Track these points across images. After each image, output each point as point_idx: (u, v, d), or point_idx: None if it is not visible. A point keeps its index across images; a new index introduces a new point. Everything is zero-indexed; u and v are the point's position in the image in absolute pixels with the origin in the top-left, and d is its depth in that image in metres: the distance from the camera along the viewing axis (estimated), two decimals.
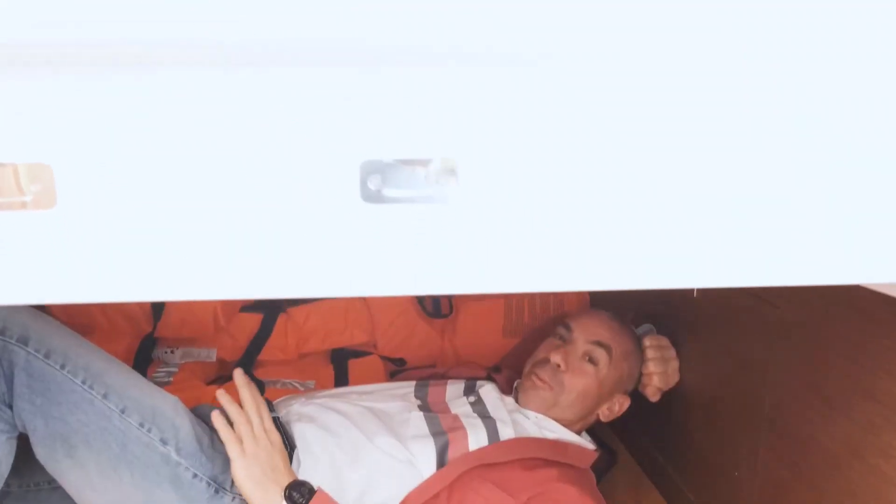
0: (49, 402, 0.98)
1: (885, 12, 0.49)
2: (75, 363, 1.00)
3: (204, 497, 1.04)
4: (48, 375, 0.98)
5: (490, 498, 1.11)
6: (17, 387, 0.97)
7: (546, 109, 0.54)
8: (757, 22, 0.49)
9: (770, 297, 1.02)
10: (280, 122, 0.53)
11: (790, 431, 0.98)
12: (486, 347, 1.73)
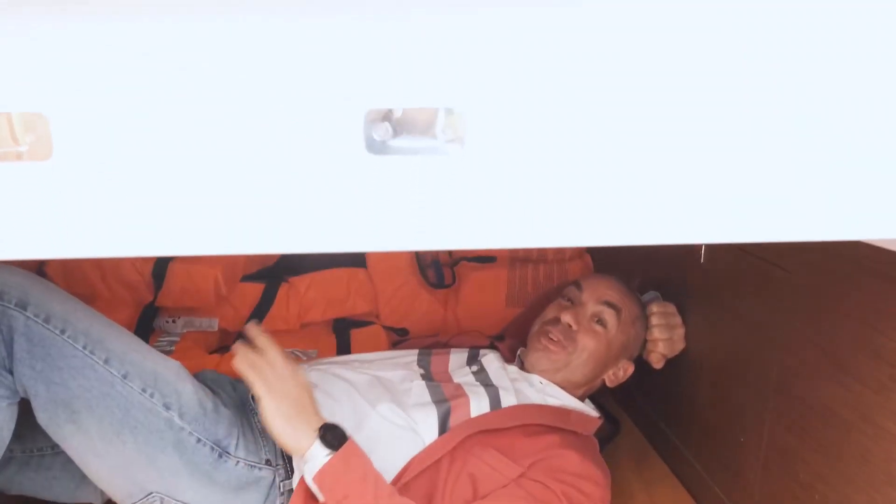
0: (50, 368, 0.96)
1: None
2: (75, 328, 0.98)
3: (208, 461, 1.04)
4: (48, 340, 0.97)
5: (492, 463, 1.11)
6: (17, 352, 0.96)
7: (555, 60, 0.52)
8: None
9: (779, 260, 1.01)
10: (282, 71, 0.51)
11: (798, 396, 0.97)
12: (488, 317, 1.72)
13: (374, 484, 0.97)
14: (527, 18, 0.52)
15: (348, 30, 0.51)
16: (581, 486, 1.10)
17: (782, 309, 1.00)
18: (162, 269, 1.56)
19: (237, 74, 0.51)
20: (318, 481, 0.96)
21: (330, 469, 0.96)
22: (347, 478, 0.96)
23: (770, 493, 1.03)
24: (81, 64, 0.50)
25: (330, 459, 0.96)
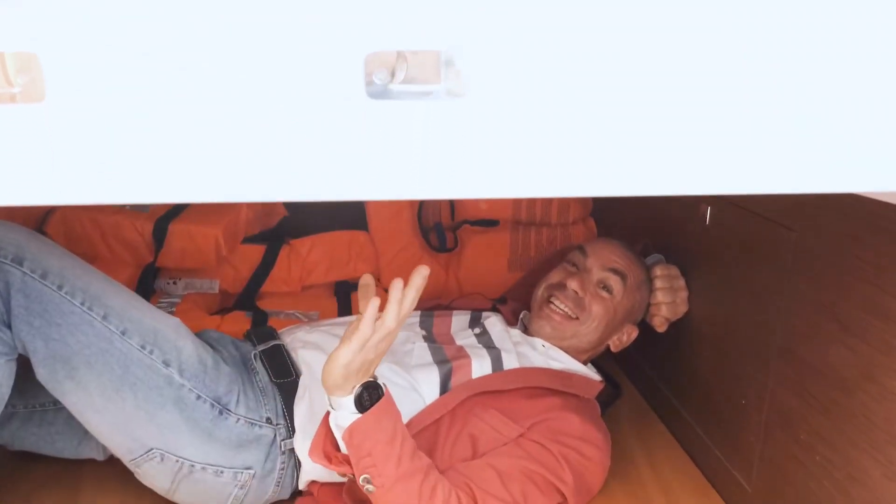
0: (48, 324, 0.96)
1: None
2: (73, 284, 0.98)
3: (208, 418, 1.04)
4: (45, 297, 0.96)
5: (493, 424, 1.11)
6: (15, 308, 0.95)
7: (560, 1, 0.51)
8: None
9: (785, 221, 1.00)
10: (281, 13, 0.50)
11: (801, 358, 0.96)
12: (491, 281, 1.72)
13: (399, 445, 0.95)
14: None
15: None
16: (581, 449, 1.10)
17: (788, 270, 0.99)
18: (162, 229, 1.55)
19: (235, 16, 0.50)
20: (346, 437, 0.93)
21: (360, 427, 0.93)
22: (374, 436, 0.93)
23: (770, 455, 1.03)
24: (75, 2, 0.49)
25: (363, 417, 0.93)
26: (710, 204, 1.22)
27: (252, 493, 1.09)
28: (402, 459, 0.95)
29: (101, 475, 1.20)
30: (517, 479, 1.04)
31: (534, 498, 1.05)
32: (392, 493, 0.95)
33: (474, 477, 1.03)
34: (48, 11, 0.49)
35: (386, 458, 0.94)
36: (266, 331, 1.26)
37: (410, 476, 0.96)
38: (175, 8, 0.49)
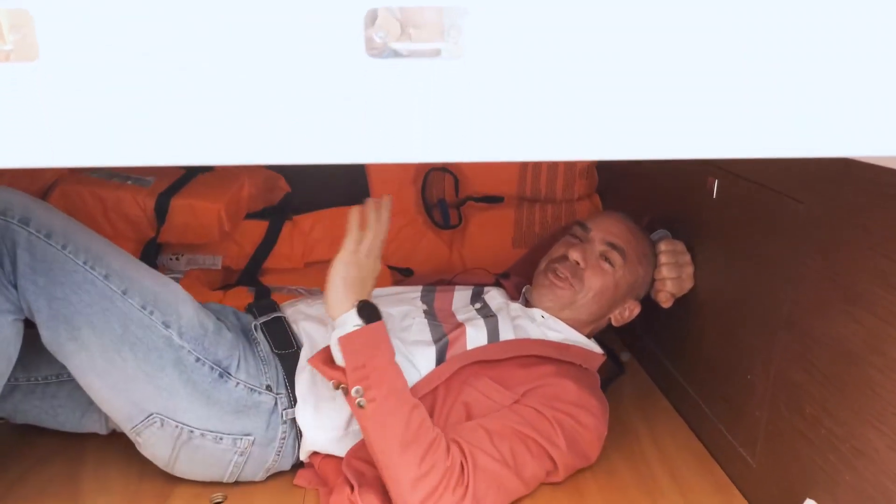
0: (52, 283, 0.97)
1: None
2: (76, 244, 0.99)
3: (208, 381, 1.04)
4: (50, 255, 0.97)
5: (486, 392, 1.11)
6: (20, 267, 0.96)
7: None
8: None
9: (793, 193, 0.98)
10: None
11: (808, 331, 0.95)
12: (495, 258, 1.71)
13: (392, 366, 1.01)
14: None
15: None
16: (575, 415, 1.10)
17: (795, 242, 0.98)
18: (164, 204, 1.55)
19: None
20: (343, 343, 0.99)
21: (357, 335, 0.99)
22: (371, 350, 0.99)
23: (775, 429, 1.02)
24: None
25: (362, 328, 1.00)
26: (717, 177, 1.20)
27: (252, 461, 1.09)
28: (395, 379, 1.00)
29: (103, 449, 1.21)
30: (507, 438, 1.04)
31: (522, 458, 1.05)
32: (382, 410, 0.98)
33: (464, 434, 1.04)
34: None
35: (380, 372, 0.99)
36: (267, 303, 1.25)
37: (401, 398, 1.00)
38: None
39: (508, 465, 1.03)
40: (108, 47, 0.50)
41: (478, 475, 1.00)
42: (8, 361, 0.99)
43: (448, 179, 1.80)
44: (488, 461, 1.01)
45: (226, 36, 0.50)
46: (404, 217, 1.75)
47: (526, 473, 1.06)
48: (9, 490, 1.11)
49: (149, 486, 1.12)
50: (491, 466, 1.01)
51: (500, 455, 1.03)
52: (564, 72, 0.52)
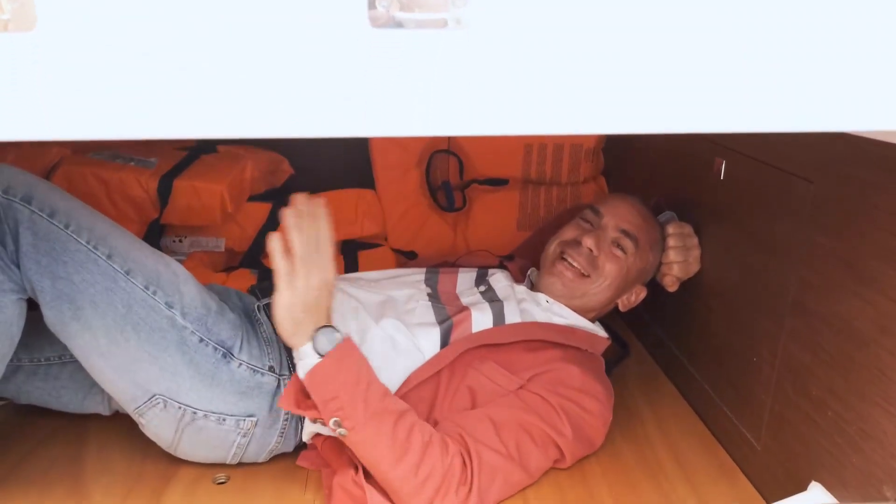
0: (55, 262, 0.96)
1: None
2: (79, 223, 0.98)
3: (211, 362, 1.03)
4: (52, 235, 0.96)
5: (491, 376, 1.10)
6: (23, 245, 0.96)
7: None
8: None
9: (803, 172, 0.97)
10: None
11: (815, 313, 0.94)
12: (499, 241, 1.70)
13: (365, 387, 0.97)
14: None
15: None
16: (580, 401, 1.09)
17: (803, 222, 0.96)
18: (167, 185, 1.54)
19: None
20: (307, 380, 0.96)
21: (320, 369, 0.96)
22: (337, 378, 0.96)
23: (781, 412, 1.02)
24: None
25: (322, 361, 0.96)
26: (725, 158, 1.19)
27: (255, 443, 1.08)
28: (369, 400, 0.96)
29: (106, 430, 1.21)
30: (512, 431, 1.03)
31: (528, 451, 1.04)
32: (364, 434, 0.96)
33: (469, 426, 1.03)
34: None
35: (352, 398, 0.95)
36: (270, 285, 1.24)
37: (381, 416, 0.97)
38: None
39: (514, 459, 1.02)
40: (107, 17, 0.49)
41: (482, 470, 0.99)
42: (11, 341, 0.99)
43: (452, 162, 1.79)
44: (493, 456, 1.00)
45: (226, 6, 0.49)
46: (408, 200, 1.74)
47: (531, 465, 1.05)
48: (13, 470, 1.11)
49: (152, 467, 1.12)
50: (496, 461, 1.00)
51: (505, 449, 1.02)
52: (571, 43, 0.51)
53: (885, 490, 0.80)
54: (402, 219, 1.74)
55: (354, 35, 0.50)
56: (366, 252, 1.68)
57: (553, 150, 1.74)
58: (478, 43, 0.51)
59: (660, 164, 1.52)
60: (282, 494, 1.07)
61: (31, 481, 1.08)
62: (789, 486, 0.98)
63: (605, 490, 1.10)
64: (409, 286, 1.27)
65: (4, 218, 0.96)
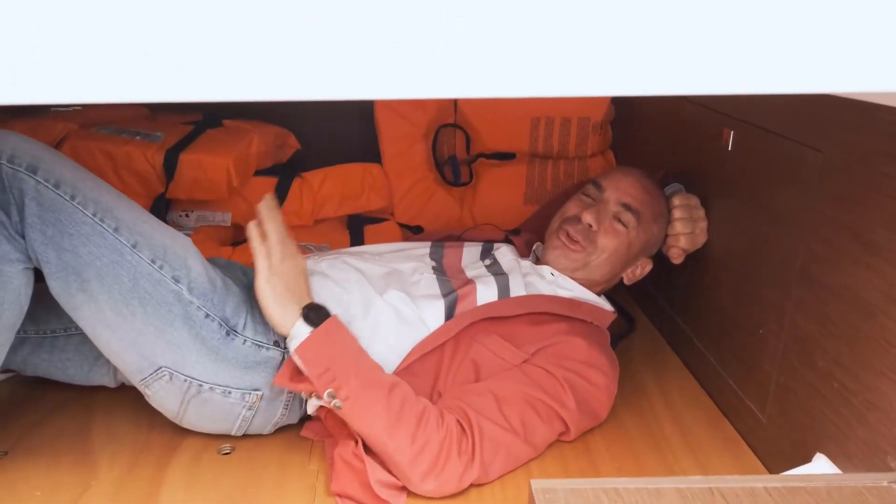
0: (60, 234, 0.95)
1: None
2: (85, 195, 0.97)
3: (216, 337, 1.03)
4: (58, 206, 0.96)
5: (495, 349, 1.10)
6: (28, 216, 0.95)
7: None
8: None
9: (811, 141, 0.96)
10: None
11: (822, 283, 0.93)
12: (506, 215, 1.69)
13: (356, 357, 0.99)
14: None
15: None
16: (585, 374, 1.09)
17: (812, 192, 0.95)
18: (173, 159, 1.54)
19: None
20: (300, 353, 0.98)
21: (311, 342, 0.98)
22: (329, 350, 0.98)
23: (786, 383, 1.01)
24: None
25: (312, 333, 0.99)
26: (733, 128, 1.17)
27: (260, 415, 1.09)
28: (361, 370, 0.99)
29: (112, 401, 1.22)
30: (516, 406, 1.03)
31: (533, 425, 1.04)
32: (360, 404, 0.97)
33: (471, 400, 1.03)
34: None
35: (345, 369, 0.98)
36: None
37: (374, 386, 0.98)
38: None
39: (517, 433, 1.02)
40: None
41: (484, 443, 0.99)
42: (20, 310, 0.99)
43: (459, 136, 1.77)
44: (496, 430, 1.00)
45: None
46: (415, 174, 1.74)
47: (536, 438, 1.05)
48: (20, 440, 1.12)
49: (158, 437, 1.13)
50: (498, 434, 1.00)
51: (508, 423, 1.01)
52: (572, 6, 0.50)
53: (890, 460, 0.80)
54: (409, 193, 1.73)
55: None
56: (372, 227, 1.68)
57: (560, 124, 1.72)
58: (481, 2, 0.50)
59: (668, 136, 1.50)
60: (286, 465, 1.07)
61: (39, 451, 1.09)
62: (794, 458, 0.97)
63: (608, 462, 1.10)
64: (414, 259, 1.26)
65: (9, 187, 0.95)
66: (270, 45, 0.50)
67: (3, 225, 0.95)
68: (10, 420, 1.17)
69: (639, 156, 1.63)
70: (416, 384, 1.07)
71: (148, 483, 1.03)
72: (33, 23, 0.49)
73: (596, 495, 0.71)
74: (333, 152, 1.76)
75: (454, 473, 0.98)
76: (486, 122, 1.75)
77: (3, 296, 0.96)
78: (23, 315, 1.00)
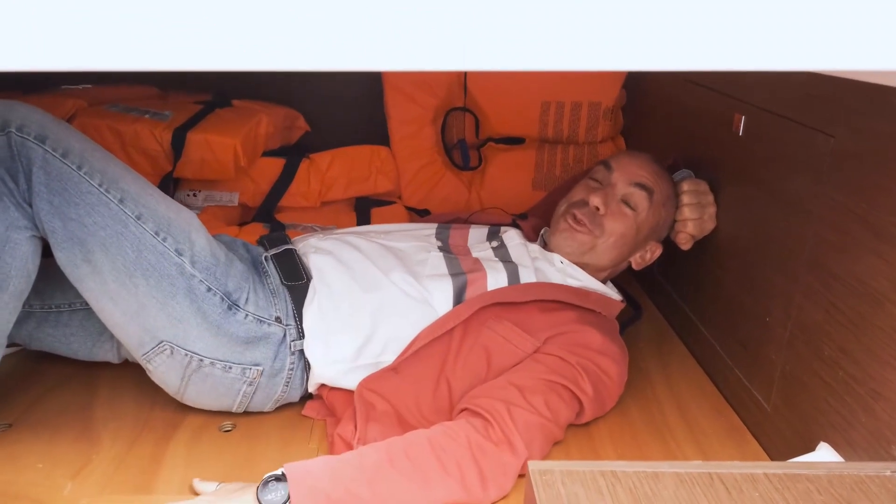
0: (66, 203, 0.96)
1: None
2: (92, 165, 0.98)
3: (217, 311, 1.03)
4: (65, 175, 0.96)
5: (507, 336, 1.09)
6: (36, 185, 0.95)
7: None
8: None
9: (823, 126, 0.94)
10: None
11: (830, 271, 0.92)
12: (514, 200, 1.68)
13: (341, 470, 0.91)
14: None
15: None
16: (598, 362, 1.08)
17: (822, 178, 0.93)
18: (181, 138, 1.53)
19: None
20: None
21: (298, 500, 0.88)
22: (316, 495, 0.88)
23: (791, 372, 1.00)
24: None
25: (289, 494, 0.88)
26: (744, 114, 1.15)
27: (261, 391, 1.09)
28: (356, 475, 0.90)
29: (116, 378, 1.22)
30: (539, 392, 1.02)
31: (556, 407, 1.03)
32: (383, 499, 0.89)
33: (495, 394, 1.01)
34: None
35: (345, 488, 0.88)
36: (278, 236, 1.24)
37: (378, 472, 0.90)
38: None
39: (546, 416, 1.01)
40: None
41: (519, 428, 0.97)
42: (28, 278, 1.00)
43: (469, 120, 1.76)
44: (526, 415, 0.99)
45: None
46: (423, 158, 1.73)
47: (561, 419, 1.04)
48: (25, 413, 1.12)
49: (160, 414, 1.13)
50: (531, 419, 0.99)
51: (535, 409, 1.00)
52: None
53: (893, 450, 0.79)
54: (417, 176, 1.73)
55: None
56: (379, 209, 1.68)
57: (571, 109, 1.71)
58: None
59: (679, 122, 1.48)
60: (287, 443, 1.07)
61: (43, 424, 1.10)
62: (798, 447, 0.96)
63: (610, 449, 1.09)
64: (420, 239, 1.26)
65: (18, 156, 0.95)
66: (276, 14, 0.49)
67: (11, 192, 0.95)
68: (15, 393, 1.17)
69: (649, 141, 1.62)
70: (424, 369, 1.07)
71: (149, 459, 1.03)
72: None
73: (593, 477, 0.70)
74: (342, 135, 1.75)
75: (499, 463, 0.94)
76: (495, 106, 1.73)
77: (12, 263, 0.97)
78: (30, 284, 1.01)
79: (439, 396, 1.07)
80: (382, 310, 1.09)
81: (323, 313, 1.08)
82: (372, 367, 1.09)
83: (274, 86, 1.76)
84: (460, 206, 1.72)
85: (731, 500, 0.67)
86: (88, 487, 0.97)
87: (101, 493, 0.96)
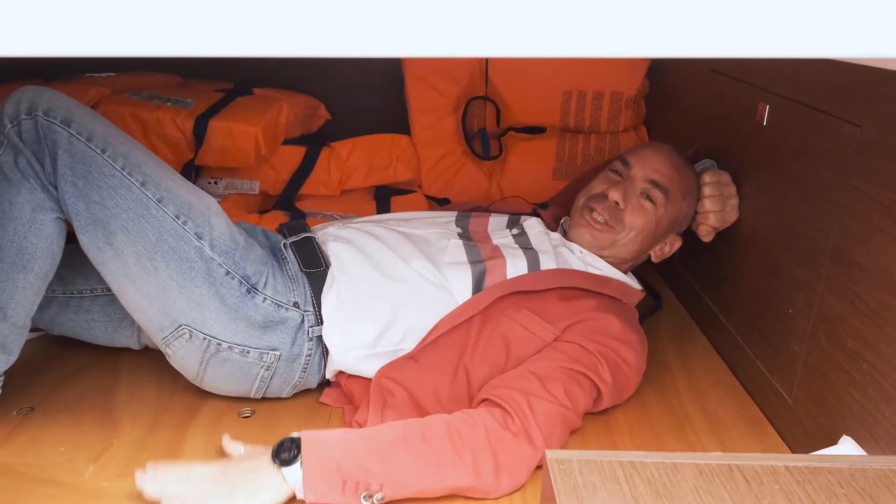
0: (90, 186, 0.98)
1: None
2: (115, 149, 1.00)
3: (236, 295, 1.04)
4: (89, 158, 0.98)
5: (526, 325, 1.08)
6: (61, 167, 0.97)
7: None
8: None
9: (849, 116, 0.92)
10: None
11: (854, 262, 0.90)
12: (535, 190, 1.67)
13: (356, 445, 0.91)
14: None
15: None
16: (617, 349, 1.07)
17: (847, 169, 0.92)
18: (202, 126, 1.54)
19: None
20: (311, 496, 0.88)
21: (310, 476, 0.88)
22: (331, 468, 0.88)
23: (814, 364, 0.98)
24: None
25: (304, 470, 0.88)
26: (769, 103, 1.14)
27: (278, 376, 1.09)
28: (370, 451, 0.90)
29: (136, 363, 1.24)
30: (559, 381, 1.01)
31: (575, 395, 1.02)
32: (396, 479, 0.89)
33: (514, 385, 1.01)
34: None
35: (358, 465, 0.89)
36: (298, 224, 1.25)
37: (392, 451, 0.91)
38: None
39: (565, 406, 1.00)
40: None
41: (538, 419, 0.97)
42: (52, 259, 1.01)
43: (490, 109, 1.76)
44: (546, 405, 0.98)
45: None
46: (443, 146, 1.72)
47: (580, 408, 1.04)
48: (46, 397, 1.14)
49: (180, 399, 1.14)
50: (550, 409, 0.98)
51: (555, 398, 1.00)
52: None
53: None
54: (437, 165, 1.72)
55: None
56: (399, 198, 1.68)
57: (593, 98, 1.69)
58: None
59: (702, 111, 1.46)
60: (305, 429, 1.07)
61: (64, 408, 1.11)
62: (819, 440, 0.95)
63: (628, 440, 1.08)
64: (439, 226, 1.25)
65: (44, 139, 0.98)
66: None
67: (37, 174, 0.97)
68: (38, 377, 1.19)
69: (672, 131, 1.60)
70: (442, 358, 1.06)
71: (168, 443, 1.04)
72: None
73: (611, 467, 0.69)
74: (362, 123, 1.76)
75: (516, 455, 0.94)
76: (517, 95, 1.72)
77: (37, 243, 0.99)
78: (55, 266, 1.03)
79: (458, 385, 1.06)
80: (402, 297, 1.09)
81: (341, 300, 1.09)
82: (391, 354, 1.09)
83: (295, 74, 1.76)
84: (480, 195, 1.72)
85: (751, 492, 0.66)
86: (109, 471, 0.98)
87: (122, 476, 0.96)
